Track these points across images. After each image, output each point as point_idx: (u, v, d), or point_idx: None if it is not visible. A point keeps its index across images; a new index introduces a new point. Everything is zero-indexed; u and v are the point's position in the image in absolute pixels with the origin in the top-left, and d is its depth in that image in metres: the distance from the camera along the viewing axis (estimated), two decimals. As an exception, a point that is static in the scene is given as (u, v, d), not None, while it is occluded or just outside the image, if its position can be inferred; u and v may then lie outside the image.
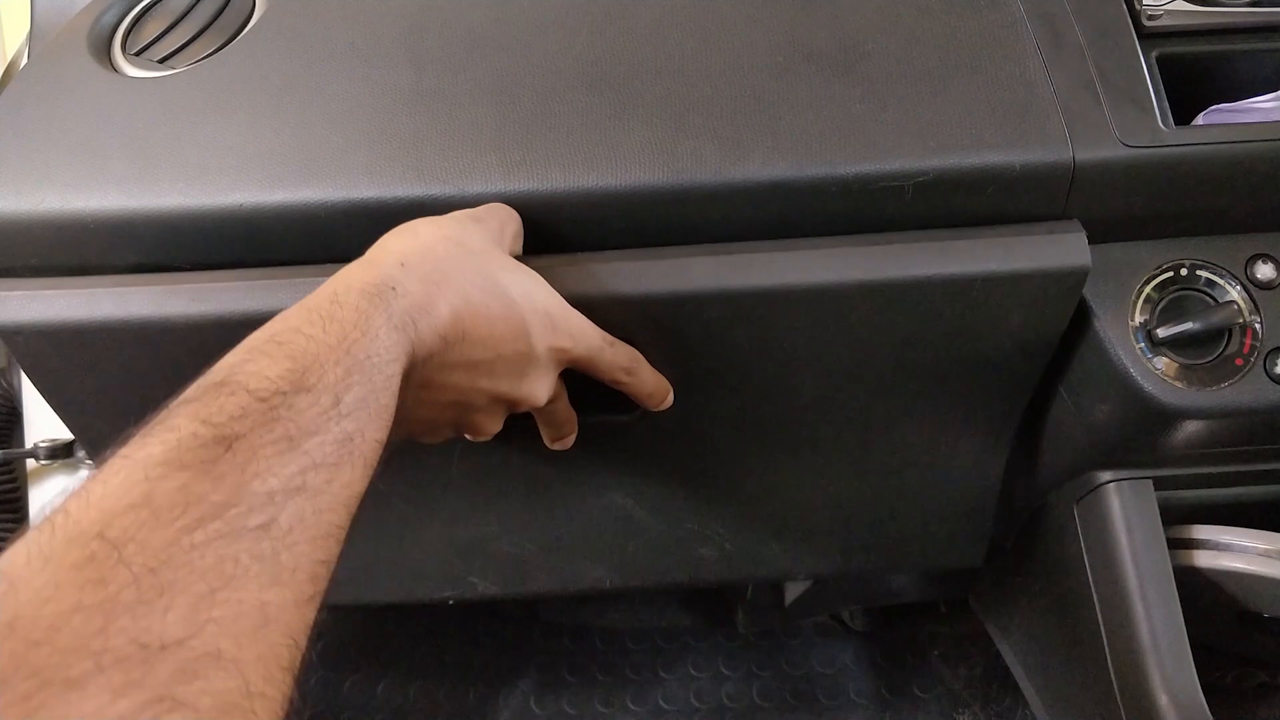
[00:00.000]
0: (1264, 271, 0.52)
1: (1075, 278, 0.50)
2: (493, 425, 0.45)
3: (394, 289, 0.36)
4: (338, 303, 0.35)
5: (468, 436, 0.47)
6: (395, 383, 0.35)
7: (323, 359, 0.32)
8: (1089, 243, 0.52)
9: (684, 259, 0.49)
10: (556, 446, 0.52)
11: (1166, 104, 0.51)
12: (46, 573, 0.24)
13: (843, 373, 0.55)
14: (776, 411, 0.58)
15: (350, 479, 0.31)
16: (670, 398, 0.53)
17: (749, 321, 0.51)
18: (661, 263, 0.49)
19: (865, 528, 0.67)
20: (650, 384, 0.51)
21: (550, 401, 0.47)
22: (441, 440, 0.46)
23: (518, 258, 0.46)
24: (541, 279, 0.44)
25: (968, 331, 0.53)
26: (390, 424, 0.34)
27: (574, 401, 0.51)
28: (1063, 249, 0.50)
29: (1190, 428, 0.52)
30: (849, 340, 0.53)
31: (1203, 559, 0.57)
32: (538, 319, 0.42)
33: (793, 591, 0.88)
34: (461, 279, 0.39)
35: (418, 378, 0.38)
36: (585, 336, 0.45)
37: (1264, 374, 0.50)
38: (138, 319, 0.51)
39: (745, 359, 0.54)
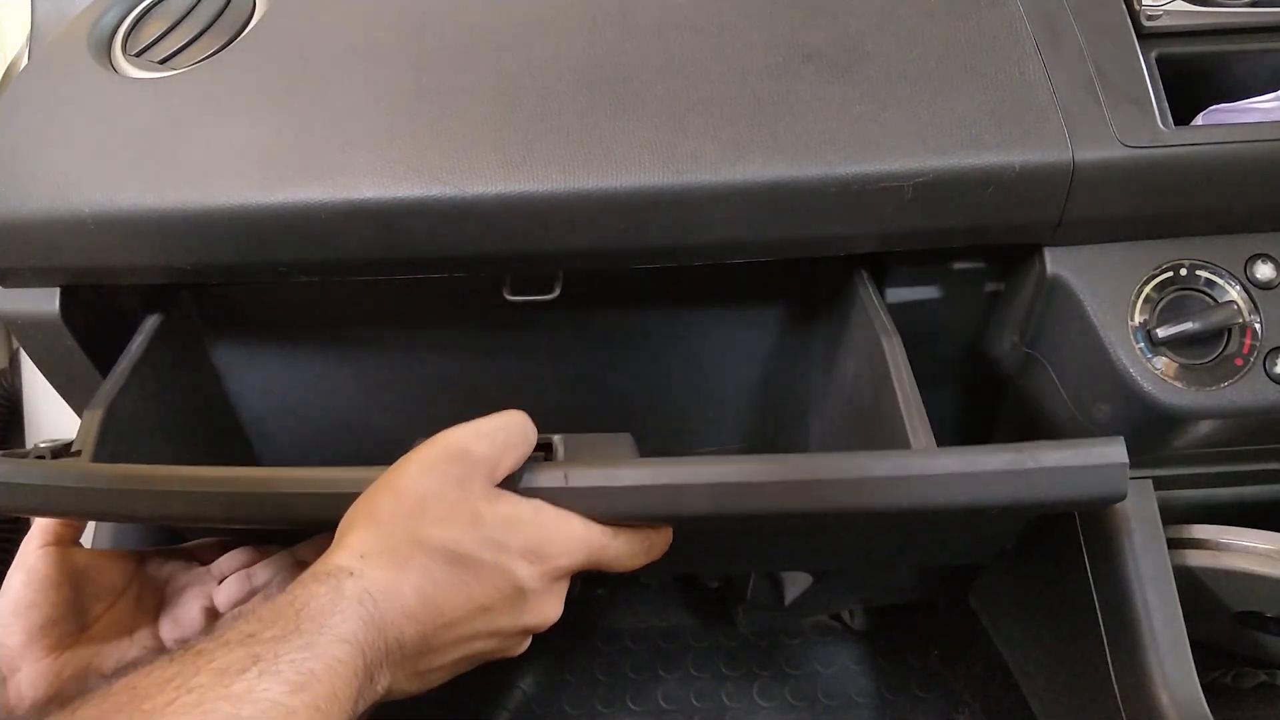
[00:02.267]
0: (1264, 271, 0.52)
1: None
2: (519, 648, 0.45)
3: (351, 575, 0.37)
4: (292, 600, 0.36)
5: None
6: (344, 639, 0.35)
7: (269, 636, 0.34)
8: (1089, 243, 0.53)
9: (676, 483, 0.42)
10: (639, 567, 0.47)
11: (1166, 104, 0.51)
12: None
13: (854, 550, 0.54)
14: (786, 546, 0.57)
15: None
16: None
17: (753, 526, 0.48)
18: (653, 485, 0.42)
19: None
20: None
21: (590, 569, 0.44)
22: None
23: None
24: (525, 507, 0.42)
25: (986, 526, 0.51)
26: (345, 683, 0.34)
27: None
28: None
29: (1190, 428, 0.52)
30: (863, 544, 0.52)
31: (1203, 559, 0.57)
32: (519, 558, 0.41)
33: (793, 591, 0.88)
34: (423, 560, 0.39)
35: (410, 651, 0.39)
36: (580, 547, 0.42)
37: (1264, 374, 0.50)
38: None
39: (749, 542, 0.53)
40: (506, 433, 0.43)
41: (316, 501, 0.42)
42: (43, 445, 0.75)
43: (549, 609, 0.43)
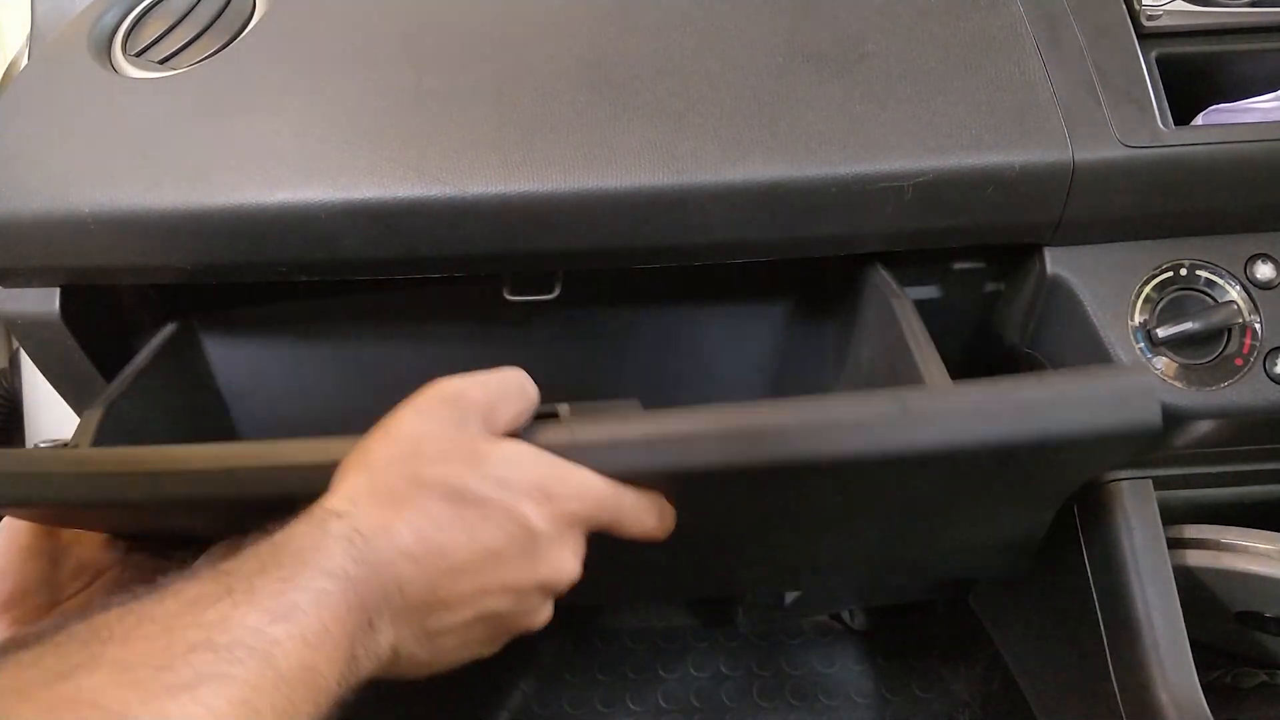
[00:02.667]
0: (1263, 271, 0.52)
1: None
2: (541, 614, 0.41)
3: (338, 515, 0.35)
4: (271, 540, 0.34)
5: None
6: (330, 573, 0.32)
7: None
8: (1088, 243, 0.52)
9: (685, 431, 0.40)
10: (651, 533, 0.44)
11: (1166, 104, 0.51)
12: None
13: (879, 516, 0.51)
14: (803, 528, 0.54)
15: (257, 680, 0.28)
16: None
17: (775, 485, 0.45)
18: (661, 436, 0.40)
19: (904, 569, 0.64)
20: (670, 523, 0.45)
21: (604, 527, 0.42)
22: (501, 645, 0.42)
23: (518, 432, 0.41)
24: (527, 447, 0.40)
25: (1014, 481, 0.48)
26: (336, 618, 0.32)
27: None
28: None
29: (1190, 427, 0.52)
30: (887, 499, 0.48)
31: (1203, 559, 0.57)
32: (525, 496, 0.38)
33: (793, 592, 0.88)
34: (421, 498, 0.36)
35: (415, 600, 0.36)
36: (593, 491, 0.40)
37: (1263, 374, 0.50)
38: None
39: (773, 509, 0.50)
40: (502, 382, 0.41)
41: (315, 472, 0.40)
42: (42, 444, 0.76)
43: (565, 561, 0.39)
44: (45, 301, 0.55)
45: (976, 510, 0.53)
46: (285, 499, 0.37)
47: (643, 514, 0.41)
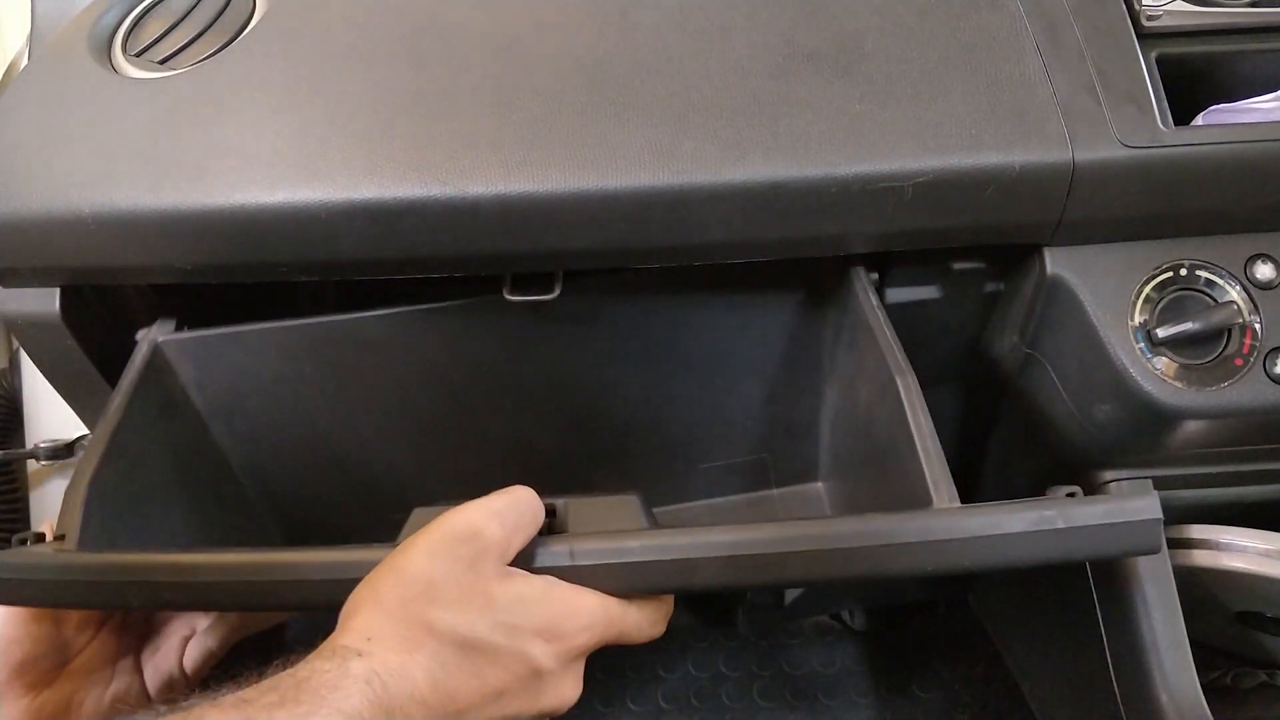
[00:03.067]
0: (1264, 271, 0.52)
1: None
2: None
3: (359, 654, 0.36)
4: (294, 673, 0.35)
5: None
6: (346, 714, 0.33)
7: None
8: (1088, 243, 0.52)
9: (691, 559, 0.41)
10: (656, 636, 0.46)
11: (1166, 104, 0.51)
12: None
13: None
14: None
15: None
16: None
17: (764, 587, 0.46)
18: (667, 560, 0.41)
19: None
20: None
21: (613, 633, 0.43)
22: None
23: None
24: (537, 584, 0.41)
25: None
26: None
27: None
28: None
29: (1190, 428, 0.52)
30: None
31: (1203, 559, 0.56)
32: (533, 638, 0.39)
33: (792, 592, 0.88)
34: (433, 644, 0.37)
35: None
36: (596, 621, 0.41)
37: (1264, 374, 0.50)
38: None
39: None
40: (517, 512, 0.41)
41: (315, 589, 0.41)
42: (42, 445, 0.75)
43: (567, 690, 0.41)
44: (45, 301, 0.55)
45: None
46: (285, 608, 0.37)
47: (648, 625, 0.43)
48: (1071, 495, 0.41)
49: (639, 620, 0.43)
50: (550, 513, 0.44)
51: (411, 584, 0.38)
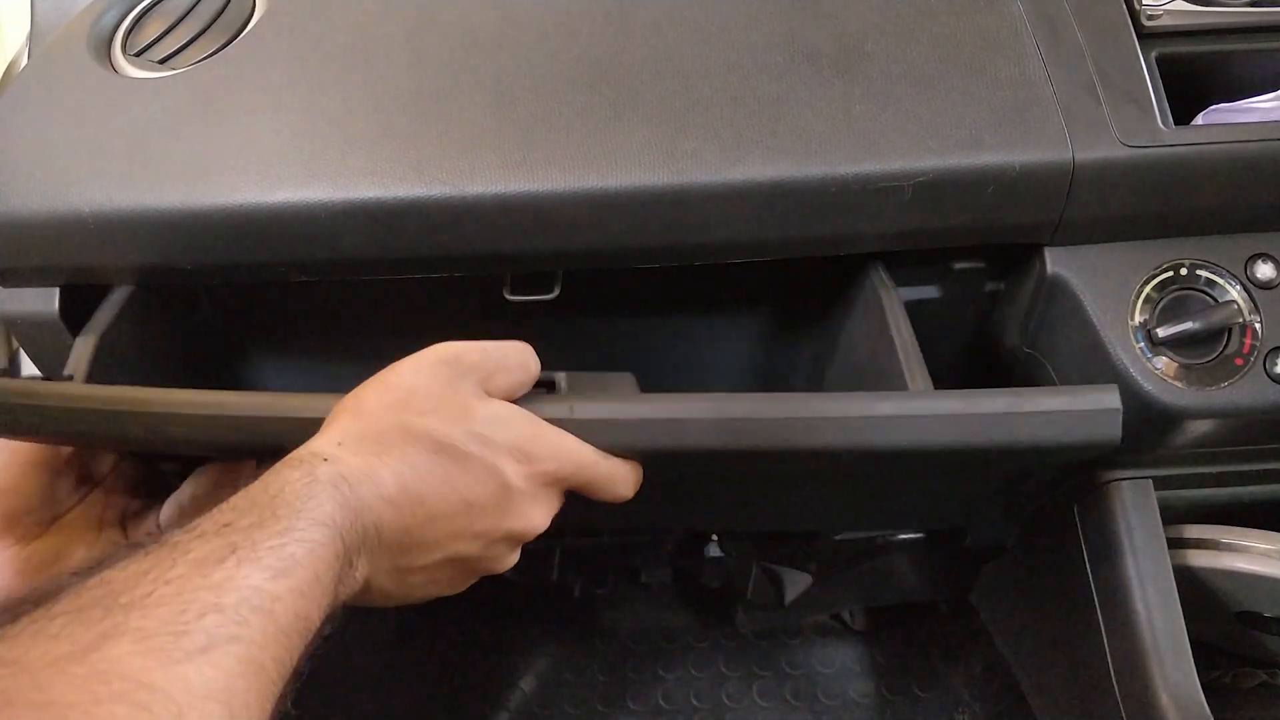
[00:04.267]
0: (1264, 271, 0.52)
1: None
2: (507, 560, 0.44)
3: (325, 459, 0.37)
4: (265, 487, 0.35)
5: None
6: (321, 523, 0.34)
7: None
8: (1089, 243, 0.52)
9: (680, 417, 0.42)
10: (623, 497, 0.46)
11: (1166, 104, 0.51)
12: None
13: (856, 493, 0.54)
14: (785, 498, 0.57)
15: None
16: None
17: (754, 466, 0.48)
18: (657, 419, 0.43)
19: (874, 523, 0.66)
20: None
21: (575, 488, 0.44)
22: (467, 585, 0.44)
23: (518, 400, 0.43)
24: (515, 409, 0.42)
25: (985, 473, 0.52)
26: (326, 566, 0.33)
27: None
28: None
29: (1190, 428, 0.52)
30: (865, 481, 0.52)
31: (1203, 559, 0.57)
32: (505, 454, 0.40)
33: (792, 591, 0.88)
34: (405, 447, 0.38)
35: (390, 544, 0.38)
36: (569, 456, 0.42)
37: (1264, 374, 0.50)
38: None
39: (752, 483, 0.52)
40: (503, 352, 0.43)
41: (312, 426, 0.41)
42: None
43: (535, 515, 0.42)
44: (45, 301, 0.55)
45: (943, 488, 0.57)
46: (279, 449, 0.38)
47: (617, 481, 0.44)
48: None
49: (609, 472, 0.43)
50: (550, 384, 0.46)
51: (391, 391, 0.40)
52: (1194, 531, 0.57)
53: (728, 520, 0.79)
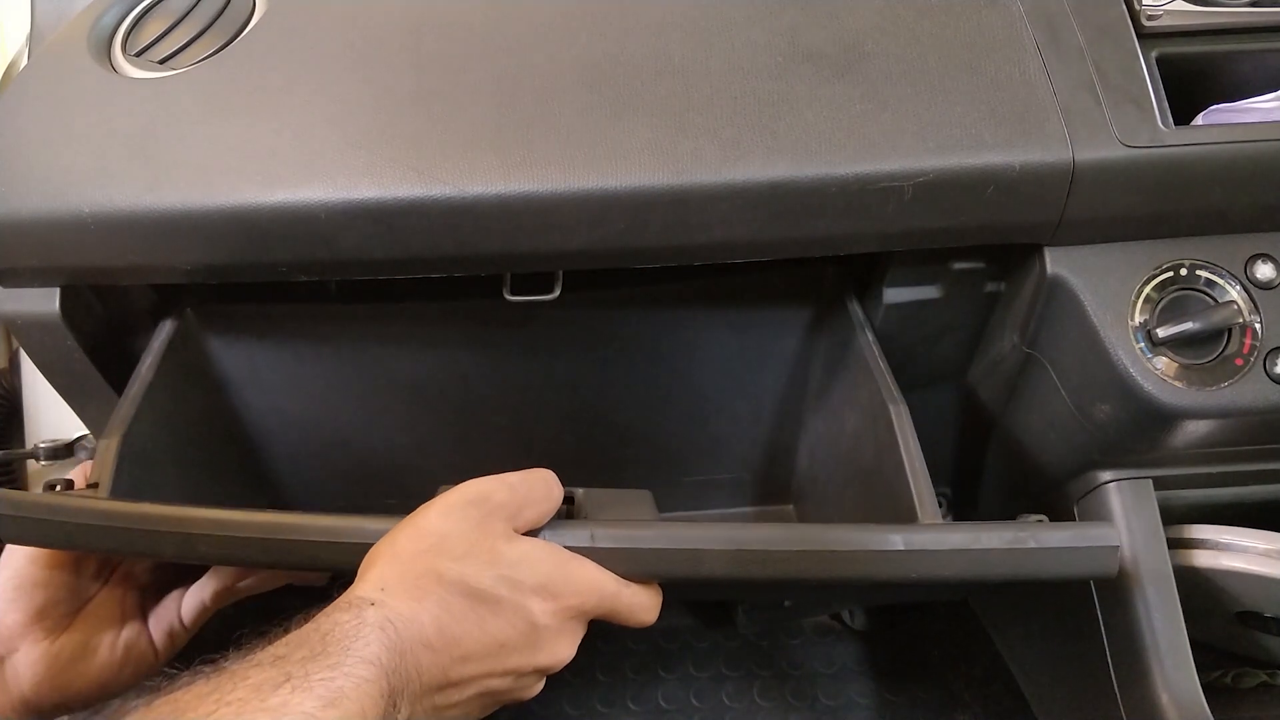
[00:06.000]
0: (1264, 271, 0.52)
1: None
2: (534, 690, 0.45)
3: (372, 604, 0.39)
4: (317, 627, 0.37)
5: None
6: (368, 661, 0.36)
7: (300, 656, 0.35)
8: (1089, 243, 0.52)
9: (696, 548, 0.44)
10: (646, 623, 0.48)
11: (1166, 104, 0.51)
12: None
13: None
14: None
15: None
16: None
17: (763, 588, 0.51)
18: (675, 549, 0.45)
19: None
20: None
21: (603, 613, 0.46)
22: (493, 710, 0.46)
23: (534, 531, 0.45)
24: (541, 547, 0.43)
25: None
26: (373, 703, 0.35)
27: None
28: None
29: (1190, 428, 0.52)
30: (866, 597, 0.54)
31: (1203, 559, 0.56)
32: (532, 594, 0.42)
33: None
34: (441, 592, 0.40)
35: (429, 683, 0.39)
36: (593, 589, 0.44)
37: (1264, 374, 0.50)
38: None
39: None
40: (529, 486, 0.45)
41: (342, 550, 0.44)
42: (42, 446, 0.76)
43: (562, 649, 0.44)
44: (45, 301, 0.55)
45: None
46: (310, 568, 0.41)
47: (639, 609, 0.46)
48: (1039, 520, 0.46)
49: (633, 601, 0.45)
50: (569, 500, 0.48)
51: (424, 538, 0.42)
52: (1194, 531, 0.57)
53: (738, 598, 0.82)
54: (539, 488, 0.45)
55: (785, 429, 0.74)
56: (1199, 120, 0.52)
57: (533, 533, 0.44)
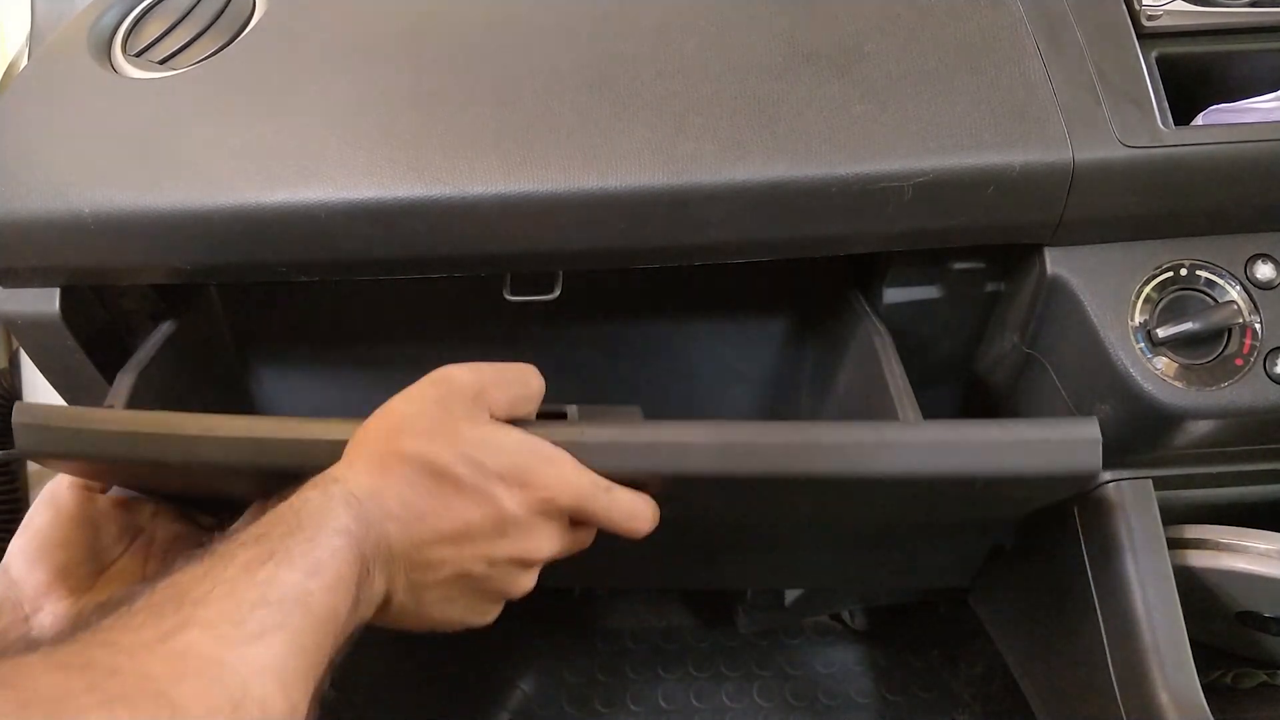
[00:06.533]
0: (1264, 271, 0.52)
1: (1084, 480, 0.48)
2: (523, 583, 0.45)
3: (336, 480, 0.40)
4: (290, 505, 0.39)
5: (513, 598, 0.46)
6: (339, 530, 0.38)
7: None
8: (1089, 243, 0.52)
9: (683, 440, 0.44)
10: (636, 531, 0.47)
11: (1166, 104, 0.51)
12: None
13: (844, 531, 0.57)
14: (774, 535, 0.59)
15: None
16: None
17: (752, 494, 0.50)
18: (663, 444, 0.44)
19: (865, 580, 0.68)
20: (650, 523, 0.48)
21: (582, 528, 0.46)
22: (497, 614, 0.47)
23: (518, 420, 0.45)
24: (514, 433, 0.43)
25: (975, 505, 0.55)
26: (348, 567, 0.37)
27: None
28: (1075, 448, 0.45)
29: (1190, 428, 0.52)
30: (853, 514, 0.54)
31: (1203, 559, 0.56)
32: (498, 480, 0.42)
33: (792, 592, 0.88)
34: (402, 468, 0.41)
35: (401, 559, 0.41)
36: (566, 484, 0.43)
37: (1264, 374, 0.50)
38: None
39: (749, 514, 0.54)
40: (497, 369, 0.44)
41: (333, 446, 0.44)
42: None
43: (540, 541, 0.43)
44: (45, 301, 0.55)
45: (931, 526, 0.60)
46: (301, 469, 0.42)
47: (627, 513, 0.45)
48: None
49: (615, 505, 0.44)
50: (561, 416, 0.48)
51: (390, 417, 0.43)
52: (1194, 531, 0.57)
53: (737, 579, 0.82)
54: (510, 371, 0.45)
55: (782, 414, 0.73)
56: (1199, 120, 0.52)
57: (518, 425, 0.44)
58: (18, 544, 0.50)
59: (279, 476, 0.43)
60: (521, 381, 0.45)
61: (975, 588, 0.82)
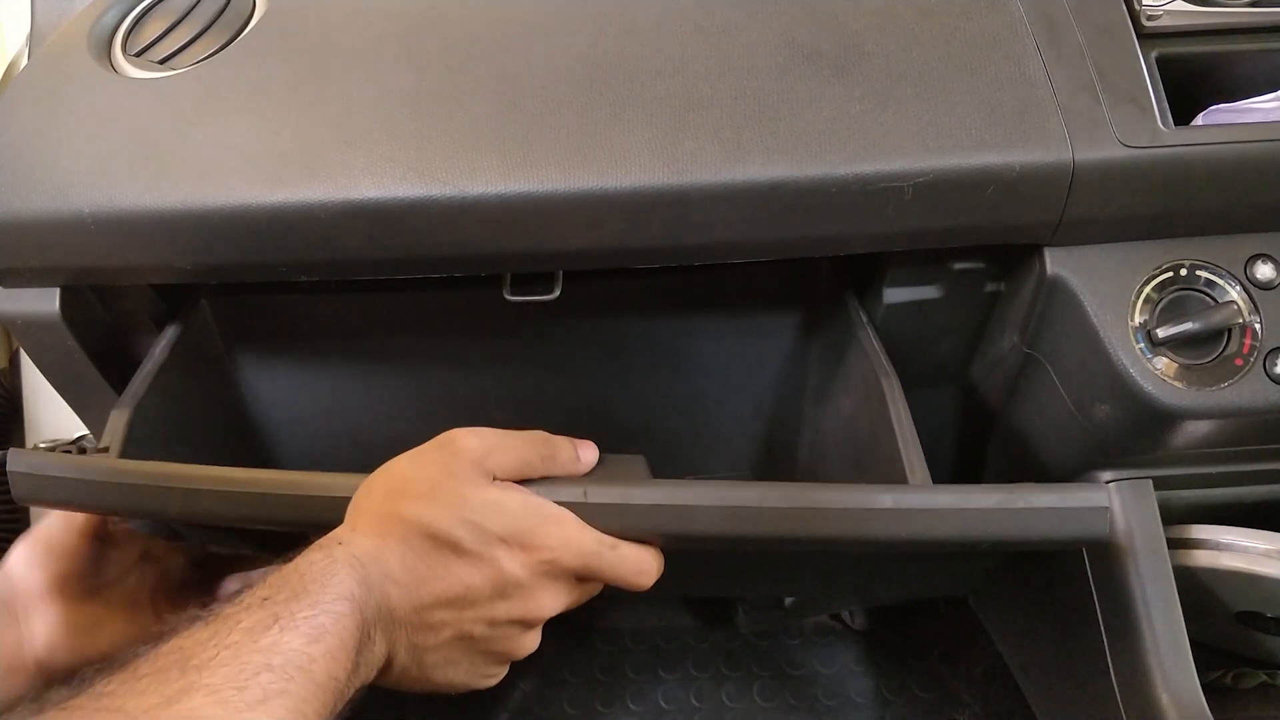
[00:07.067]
0: (1264, 271, 0.52)
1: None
2: (525, 643, 0.45)
3: (340, 543, 0.41)
4: (295, 568, 0.40)
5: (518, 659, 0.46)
6: (342, 596, 0.38)
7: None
8: (1089, 243, 0.52)
9: (690, 504, 0.44)
10: (642, 585, 0.46)
11: (1166, 104, 0.51)
12: None
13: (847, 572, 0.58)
14: (776, 557, 0.59)
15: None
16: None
17: (758, 547, 0.49)
18: (667, 505, 0.44)
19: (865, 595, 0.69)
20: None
21: (587, 583, 0.46)
22: (502, 676, 0.46)
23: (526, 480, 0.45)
24: (516, 494, 0.43)
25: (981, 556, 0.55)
26: (350, 634, 0.38)
27: None
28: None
29: (1190, 428, 0.52)
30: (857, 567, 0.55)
31: (1203, 559, 0.56)
32: (499, 543, 0.42)
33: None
34: (404, 532, 0.41)
35: (402, 622, 0.41)
36: (568, 545, 0.43)
37: (1264, 374, 0.50)
38: None
39: (752, 565, 0.55)
40: (500, 434, 0.45)
41: (336, 504, 0.44)
42: (42, 445, 0.76)
43: (542, 602, 0.43)
44: (45, 301, 0.55)
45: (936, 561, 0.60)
46: (301, 524, 0.42)
47: (634, 569, 0.45)
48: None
49: (620, 562, 0.44)
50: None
51: (393, 480, 0.43)
52: (1194, 531, 0.57)
53: (737, 590, 0.83)
54: (514, 436, 0.45)
55: (785, 425, 0.74)
56: (1199, 120, 0.52)
57: (526, 485, 0.44)
58: (22, 544, 0.50)
59: (280, 530, 0.44)
60: (528, 443, 0.45)
61: (975, 590, 0.82)
